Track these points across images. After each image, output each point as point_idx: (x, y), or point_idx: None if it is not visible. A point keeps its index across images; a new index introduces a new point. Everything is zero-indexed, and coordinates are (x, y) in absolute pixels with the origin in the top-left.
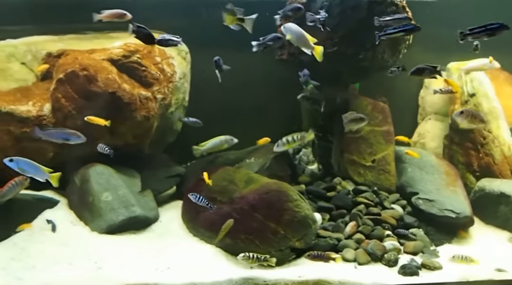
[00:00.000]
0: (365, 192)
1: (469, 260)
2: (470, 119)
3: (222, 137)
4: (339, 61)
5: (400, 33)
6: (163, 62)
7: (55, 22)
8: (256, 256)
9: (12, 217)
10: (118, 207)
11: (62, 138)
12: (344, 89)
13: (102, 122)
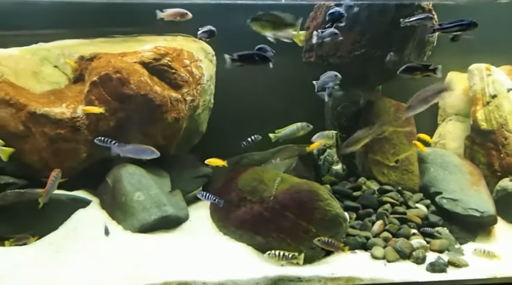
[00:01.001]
0: (390, 192)
1: (492, 255)
2: None
3: (298, 124)
4: (366, 63)
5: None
6: (191, 64)
7: (85, 26)
8: (283, 254)
9: (48, 216)
10: (150, 206)
11: (139, 154)
12: (370, 91)
13: (97, 109)
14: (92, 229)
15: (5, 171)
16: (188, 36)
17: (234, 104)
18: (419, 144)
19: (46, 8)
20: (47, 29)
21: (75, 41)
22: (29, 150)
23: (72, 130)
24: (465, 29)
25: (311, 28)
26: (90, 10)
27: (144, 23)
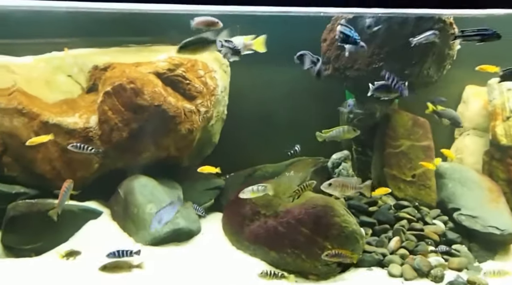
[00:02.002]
0: (407, 207)
1: (503, 273)
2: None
3: (345, 127)
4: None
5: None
6: (206, 75)
7: (98, 35)
8: (273, 272)
9: (59, 227)
10: None
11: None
12: (387, 104)
13: (45, 138)
14: (102, 241)
15: (16, 181)
16: None
17: (248, 115)
18: (447, 151)
19: (59, 17)
20: (60, 38)
21: (89, 50)
22: (41, 160)
23: (84, 140)
24: (487, 39)
25: (328, 40)
26: (103, 19)
27: (157, 32)
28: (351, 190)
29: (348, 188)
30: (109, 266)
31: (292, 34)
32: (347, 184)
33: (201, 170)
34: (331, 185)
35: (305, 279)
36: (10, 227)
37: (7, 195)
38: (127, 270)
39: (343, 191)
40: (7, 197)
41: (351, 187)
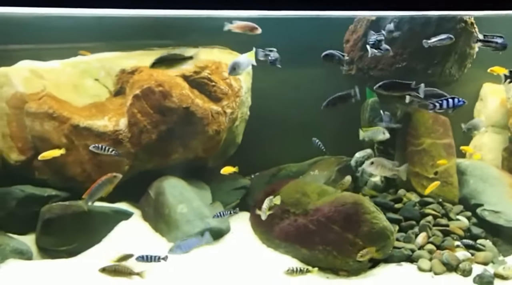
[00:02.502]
0: (432, 204)
1: None
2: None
3: (380, 128)
4: (408, 76)
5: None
6: (230, 77)
7: (122, 39)
8: (299, 269)
9: (93, 229)
10: (193, 219)
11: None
12: (411, 103)
13: (57, 152)
14: (137, 241)
15: (47, 184)
16: (224, 48)
17: (269, 116)
18: (467, 148)
19: (84, 21)
20: (86, 43)
21: (114, 54)
22: (72, 163)
23: (114, 143)
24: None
25: (351, 41)
26: (126, 24)
27: (179, 35)
28: (389, 171)
29: (386, 169)
30: (108, 269)
31: (313, 36)
32: (386, 165)
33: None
34: (373, 163)
35: (335, 275)
36: (46, 229)
37: (39, 198)
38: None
39: (382, 171)
40: (40, 200)
41: (389, 168)
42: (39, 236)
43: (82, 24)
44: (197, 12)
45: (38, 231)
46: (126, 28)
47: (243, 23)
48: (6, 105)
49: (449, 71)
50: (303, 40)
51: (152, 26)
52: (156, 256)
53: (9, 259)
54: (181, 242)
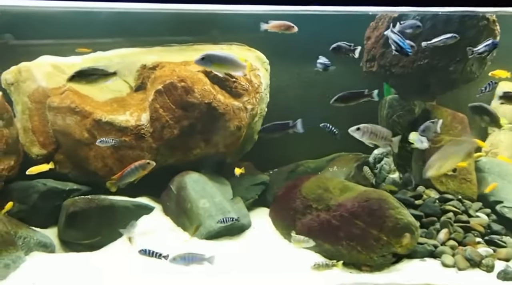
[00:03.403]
0: (452, 201)
1: None
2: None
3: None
4: (429, 73)
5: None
6: (250, 73)
7: (141, 35)
8: (325, 263)
9: (115, 223)
10: (215, 213)
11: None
12: (431, 100)
13: (45, 167)
14: (159, 235)
15: (68, 178)
16: (242, 45)
17: (287, 112)
18: (481, 142)
19: (103, 17)
20: (105, 38)
21: (133, 49)
22: (94, 157)
23: (136, 138)
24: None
25: (372, 38)
26: (146, 19)
27: (199, 31)
28: (379, 140)
29: (376, 137)
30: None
31: (333, 32)
32: (376, 132)
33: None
34: (359, 129)
35: (358, 270)
36: (70, 222)
37: (61, 192)
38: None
39: (371, 138)
40: (61, 194)
41: (380, 136)
42: (62, 229)
43: (101, 20)
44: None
45: (61, 224)
46: (145, 24)
47: (279, 22)
48: (29, 99)
49: (470, 69)
50: (323, 37)
51: (171, 22)
52: (158, 253)
53: (33, 251)
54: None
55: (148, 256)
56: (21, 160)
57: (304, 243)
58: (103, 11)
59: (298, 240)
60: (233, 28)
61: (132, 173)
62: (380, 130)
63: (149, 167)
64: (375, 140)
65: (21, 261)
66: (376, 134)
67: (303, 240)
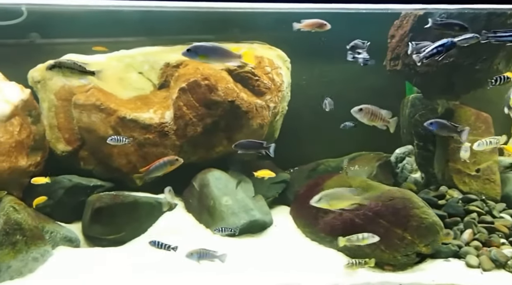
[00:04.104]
0: (475, 201)
1: None
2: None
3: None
4: (455, 72)
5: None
6: (272, 72)
7: (163, 33)
8: (358, 261)
9: (139, 219)
10: (238, 211)
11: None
12: (455, 100)
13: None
14: (182, 232)
15: (92, 174)
16: (263, 43)
17: (308, 110)
18: (509, 148)
19: (126, 16)
20: (128, 37)
21: (155, 48)
22: (117, 154)
23: (160, 135)
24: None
25: (396, 36)
26: (168, 18)
27: (221, 30)
28: (379, 121)
29: (376, 118)
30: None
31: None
32: (377, 113)
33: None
34: (362, 110)
35: (381, 269)
36: (95, 218)
37: (85, 188)
38: None
39: (371, 119)
40: (85, 190)
41: (380, 117)
42: (88, 224)
43: (124, 18)
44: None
45: (87, 219)
46: (168, 22)
47: (312, 20)
48: (55, 97)
49: (496, 67)
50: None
51: (193, 20)
52: (167, 245)
53: (59, 246)
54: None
55: (157, 248)
56: (47, 156)
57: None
58: (126, 10)
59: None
60: (255, 26)
61: (160, 168)
62: (380, 111)
63: (177, 163)
64: (375, 121)
65: (49, 255)
66: (376, 115)
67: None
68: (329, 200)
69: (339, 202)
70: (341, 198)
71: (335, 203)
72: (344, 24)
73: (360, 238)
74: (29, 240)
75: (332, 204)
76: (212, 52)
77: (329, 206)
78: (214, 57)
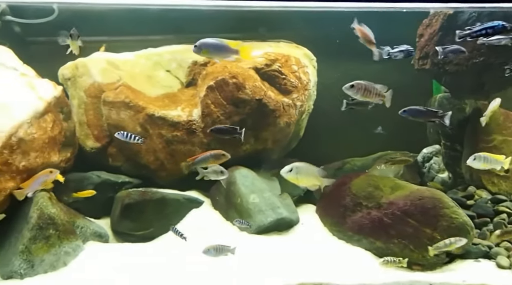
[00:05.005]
0: (505, 202)
1: None
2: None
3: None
4: (485, 71)
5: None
6: (299, 70)
7: (189, 32)
8: (393, 260)
9: (167, 215)
10: (265, 209)
11: None
12: (484, 99)
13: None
14: (209, 229)
15: (120, 171)
16: (289, 42)
17: (331, 109)
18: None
19: (154, 14)
20: (155, 35)
21: (182, 46)
22: (145, 151)
23: (188, 133)
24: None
25: (425, 35)
26: (195, 17)
27: (247, 29)
28: (373, 96)
29: (370, 94)
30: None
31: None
32: (370, 88)
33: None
34: (353, 87)
35: (409, 269)
36: (125, 213)
37: (114, 184)
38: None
39: (365, 95)
40: (114, 186)
41: (374, 92)
42: (117, 220)
43: (152, 17)
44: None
45: (116, 215)
46: (195, 21)
47: (367, 31)
48: (85, 94)
49: None
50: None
51: (220, 19)
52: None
53: (89, 241)
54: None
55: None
56: (76, 153)
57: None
58: (154, 9)
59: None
60: (281, 25)
61: (205, 160)
62: (373, 86)
63: (223, 158)
64: (369, 97)
65: (80, 250)
66: (370, 91)
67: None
68: (297, 174)
69: (305, 179)
70: (309, 175)
71: (302, 179)
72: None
73: (448, 243)
74: (61, 235)
75: (299, 179)
76: (212, 47)
77: (296, 180)
78: (214, 52)
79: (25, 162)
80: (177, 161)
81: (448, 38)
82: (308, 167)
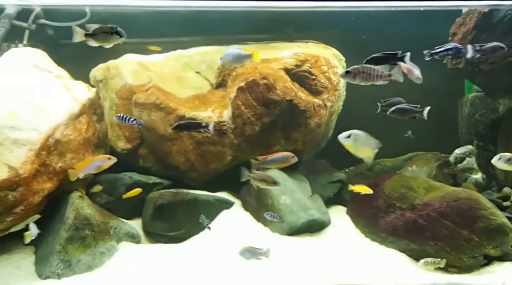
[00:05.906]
0: None
1: None
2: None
3: None
4: None
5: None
6: (329, 71)
7: (219, 33)
8: (433, 261)
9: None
10: (297, 210)
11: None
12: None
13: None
14: (241, 231)
15: (150, 172)
16: (318, 43)
17: (361, 110)
18: None
19: (183, 16)
20: (185, 37)
21: (211, 47)
22: (176, 152)
23: (218, 134)
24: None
25: (459, 34)
26: (224, 18)
27: (275, 30)
28: (376, 79)
29: (371, 77)
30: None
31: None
32: (370, 71)
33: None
34: (349, 73)
35: (445, 271)
36: (157, 214)
37: (145, 185)
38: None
39: (366, 79)
40: (145, 187)
41: (375, 75)
42: (149, 221)
43: (182, 19)
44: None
45: (148, 216)
46: (224, 22)
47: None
48: (116, 96)
49: None
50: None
51: (248, 20)
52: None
53: (122, 241)
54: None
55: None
56: (108, 154)
57: None
58: (182, 10)
59: None
60: (310, 25)
61: (274, 161)
62: (373, 68)
63: (292, 160)
64: (370, 80)
65: (115, 250)
66: (370, 74)
67: None
68: (355, 141)
69: (362, 148)
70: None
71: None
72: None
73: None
74: (97, 235)
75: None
76: (230, 57)
77: (352, 148)
78: (233, 60)
79: (62, 163)
80: (208, 162)
81: (483, 36)
82: (367, 136)
